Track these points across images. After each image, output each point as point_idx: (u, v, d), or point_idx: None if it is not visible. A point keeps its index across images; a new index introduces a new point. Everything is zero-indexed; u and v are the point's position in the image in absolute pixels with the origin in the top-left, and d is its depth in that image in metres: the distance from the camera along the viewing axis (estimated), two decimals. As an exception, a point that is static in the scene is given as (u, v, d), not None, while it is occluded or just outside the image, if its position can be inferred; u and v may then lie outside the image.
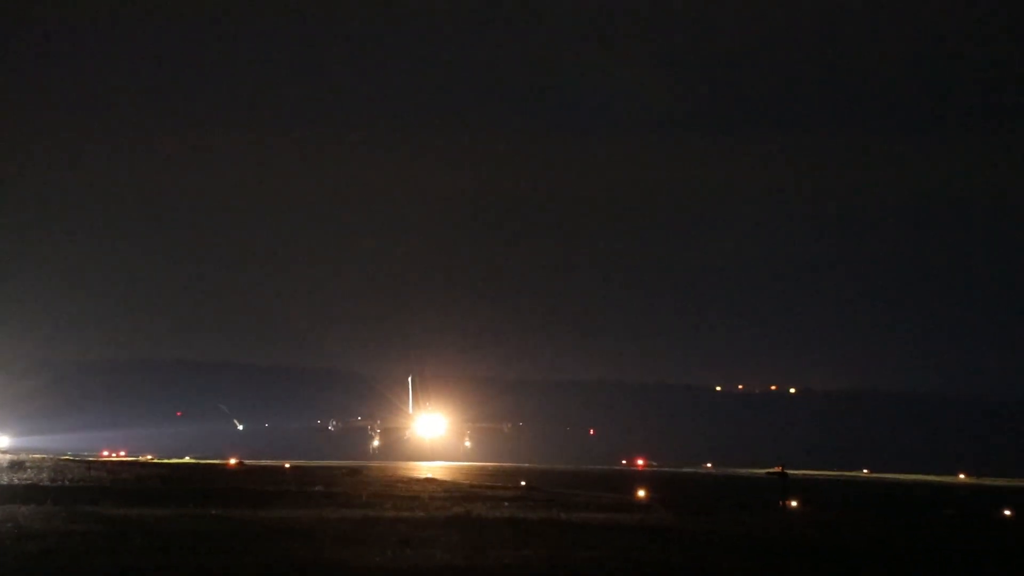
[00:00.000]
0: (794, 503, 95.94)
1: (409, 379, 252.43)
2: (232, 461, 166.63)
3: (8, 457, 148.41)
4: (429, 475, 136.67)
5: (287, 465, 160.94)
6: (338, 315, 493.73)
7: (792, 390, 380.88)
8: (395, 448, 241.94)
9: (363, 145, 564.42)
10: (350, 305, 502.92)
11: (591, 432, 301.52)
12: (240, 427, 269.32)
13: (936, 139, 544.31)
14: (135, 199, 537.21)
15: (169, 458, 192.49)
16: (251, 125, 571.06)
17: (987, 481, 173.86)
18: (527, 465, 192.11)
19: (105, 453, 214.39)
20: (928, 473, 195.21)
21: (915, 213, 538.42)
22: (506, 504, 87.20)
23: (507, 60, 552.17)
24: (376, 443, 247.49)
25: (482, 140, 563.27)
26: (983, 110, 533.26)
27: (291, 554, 55.40)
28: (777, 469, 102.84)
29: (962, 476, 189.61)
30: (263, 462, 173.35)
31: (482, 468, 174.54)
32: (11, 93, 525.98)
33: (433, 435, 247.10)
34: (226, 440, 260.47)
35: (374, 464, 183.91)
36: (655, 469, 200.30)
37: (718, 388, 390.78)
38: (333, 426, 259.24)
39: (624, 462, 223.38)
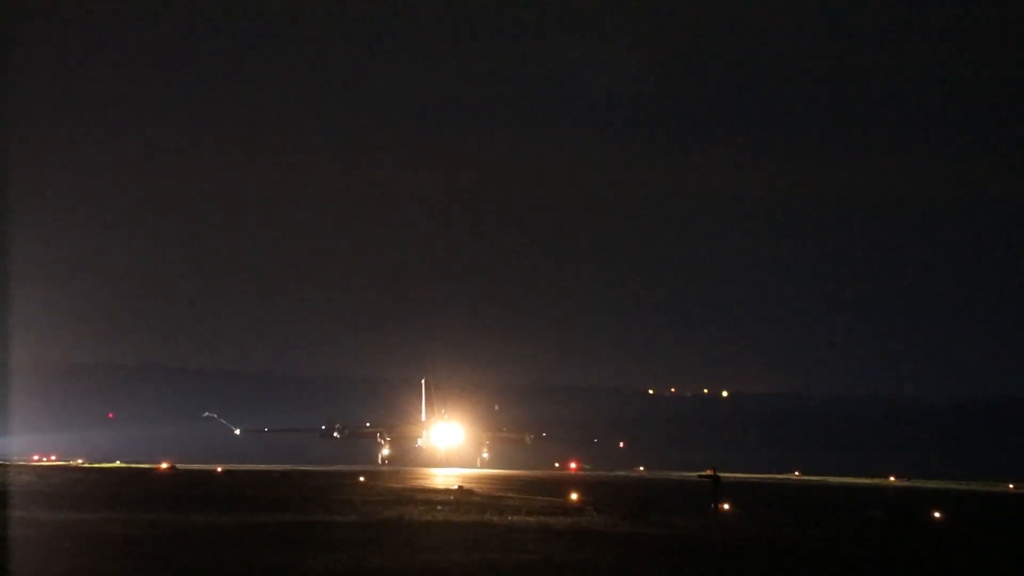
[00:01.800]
0: (726, 506, 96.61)
1: (422, 383, 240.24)
2: (163, 465, 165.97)
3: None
4: (361, 478, 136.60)
5: (219, 469, 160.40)
6: (349, 318, 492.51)
7: (724, 393, 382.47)
8: (406, 457, 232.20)
9: (375, 152, 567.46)
10: (361, 308, 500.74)
11: (621, 445, 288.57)
12: (237, 431, 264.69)
13: (874, 161, 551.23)
14: (133, 205, 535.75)
15: (100, 462, 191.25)
16: (256, 136, 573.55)
17: (917, 483, 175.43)
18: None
19: (35, 457, 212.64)
20: (859, 476, 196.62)
21: (851, 221, 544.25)
22: (439, 508, 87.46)
23: (511, 65, 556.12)
24: (386, 451, 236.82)
25: (493, 146, 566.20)
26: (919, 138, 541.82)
27: (223, 560, 55.42)
28: (708, 472, 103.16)
29: (892, 479, 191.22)
30: (195, 466, 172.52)
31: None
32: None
33: (448, 444, 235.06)
34: (214, 446, 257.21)
35: (306, 468, 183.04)
36: (588, 473, 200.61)
37: (651, 391, 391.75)
38: (339, 432, 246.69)
39: (557, 465, 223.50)
